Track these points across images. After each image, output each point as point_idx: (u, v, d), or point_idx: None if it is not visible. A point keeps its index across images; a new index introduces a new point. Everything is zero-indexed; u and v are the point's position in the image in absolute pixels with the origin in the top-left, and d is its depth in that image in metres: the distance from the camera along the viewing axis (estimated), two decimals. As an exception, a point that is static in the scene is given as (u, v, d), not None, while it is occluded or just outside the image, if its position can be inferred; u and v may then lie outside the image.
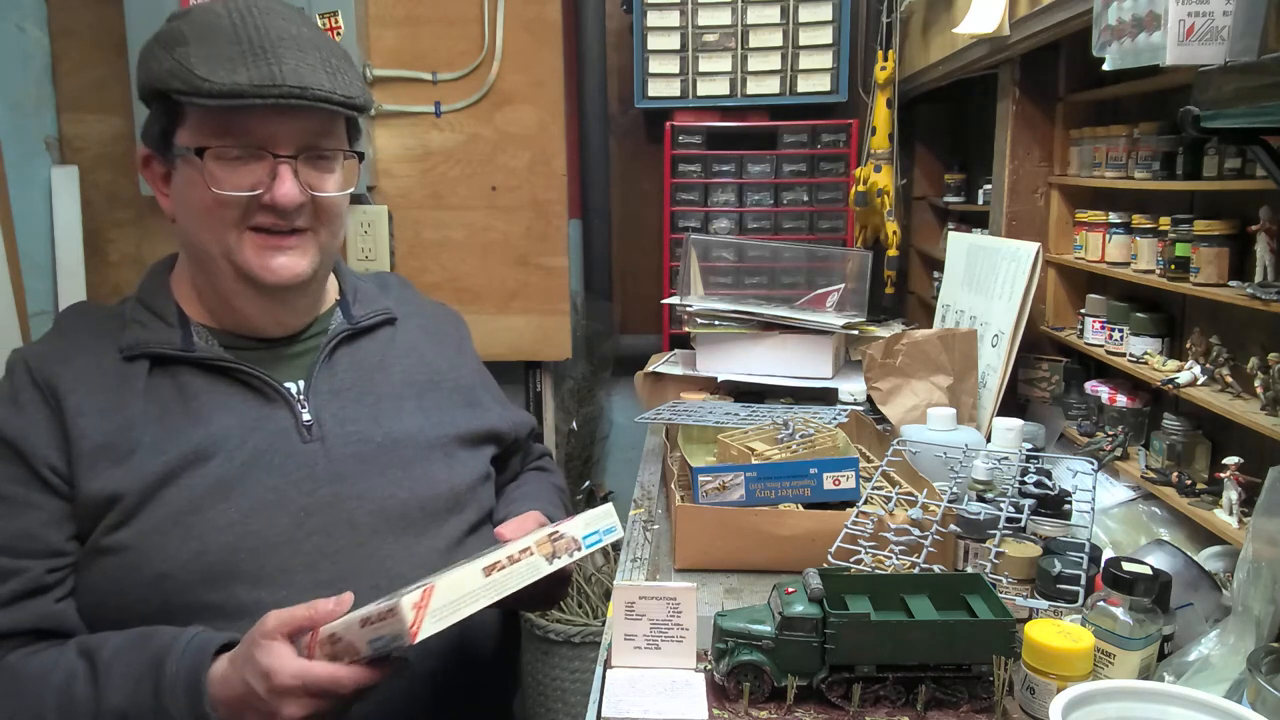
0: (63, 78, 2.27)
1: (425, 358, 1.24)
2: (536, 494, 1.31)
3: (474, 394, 1.27)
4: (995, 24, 1.57)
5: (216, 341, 1.12)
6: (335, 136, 1.10)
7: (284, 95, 1.00)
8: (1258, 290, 1.11)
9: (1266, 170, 0.97)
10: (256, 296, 1.10)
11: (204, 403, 1.08)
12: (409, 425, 1.16)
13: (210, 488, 1.03)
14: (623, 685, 0.90)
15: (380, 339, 1.22)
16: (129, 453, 1.03)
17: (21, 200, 2.10)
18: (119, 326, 1.11)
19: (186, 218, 1.08)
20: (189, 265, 1.14)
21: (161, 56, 1.03)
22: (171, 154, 1.06)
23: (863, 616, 0.87)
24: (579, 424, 2.63)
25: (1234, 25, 0.93)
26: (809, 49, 2.37)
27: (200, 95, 0.99)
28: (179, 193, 1.08)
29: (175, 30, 1.05)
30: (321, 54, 1.05)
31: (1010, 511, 1.08)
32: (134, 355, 1.08)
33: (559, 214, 2.35)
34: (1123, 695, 0.77)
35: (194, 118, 1.04)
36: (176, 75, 1.00)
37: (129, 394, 1.06)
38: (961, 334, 1.66)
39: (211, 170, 1.03)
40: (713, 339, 1.87)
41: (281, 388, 1.11)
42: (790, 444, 1.35)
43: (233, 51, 1.01)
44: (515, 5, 2.27)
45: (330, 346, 1.16)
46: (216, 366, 1.10)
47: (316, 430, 1.11)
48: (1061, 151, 1.73)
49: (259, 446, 1.07)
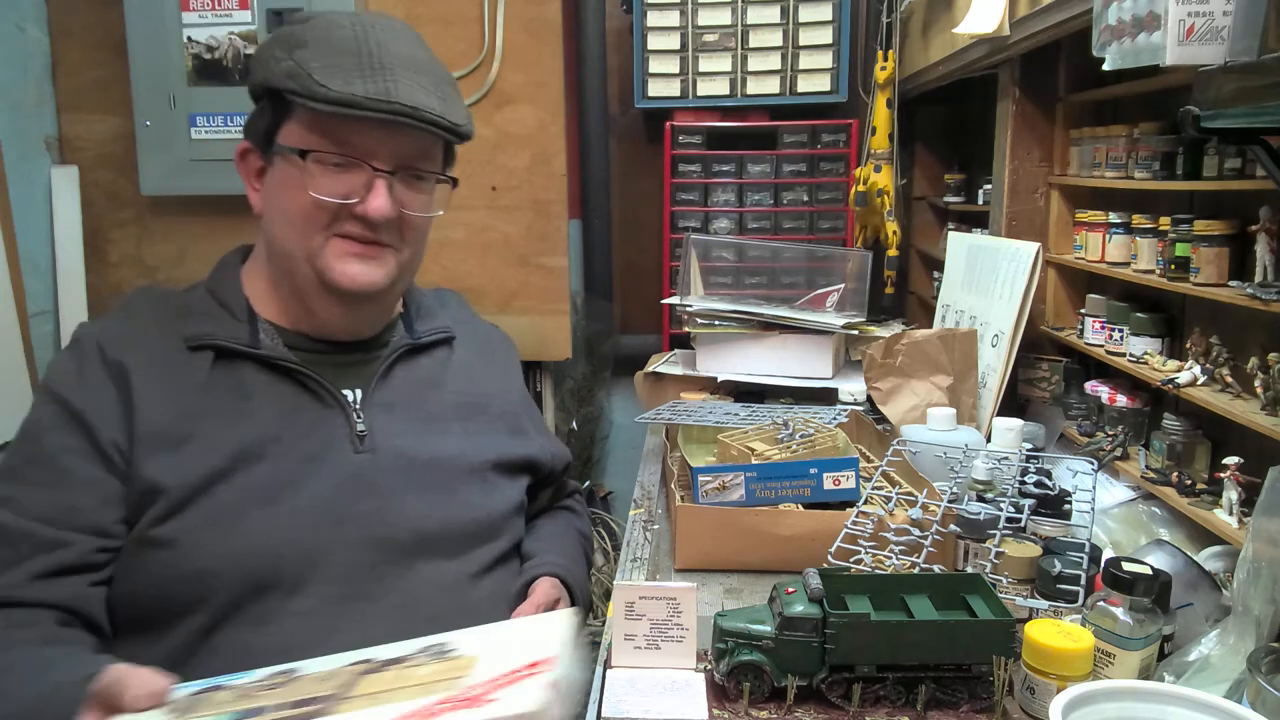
0: (63, 78, 2.27)
1: (475, 380, 1.25)
2: (559, 540, 1.30)
3: (518, 421, 1.28)
4: (995, 24, 1.57)
5: (281, 341, 1.13)
6: (432, 159, 1.13)
7: (396, 112, 1.03)
8: (1258, 290, 1.11)
9: (1266, 170, 0.97)
10: (332, 301, 1.12)
11: (262, 401, 1.09)
12: (452, 448, 1.16)
13: (260, 489, 1.04)
14: (623, 685, 0.90)
15: (437, 357, 1.23)
16: (183, 442, 1.03)
17: (21, 200, 2.10)
18: (186, 315, 1.12)
19: (276, 215, 1.10)
20: (266, 262, 1.15)
21: (280, 56, 1.05)
22: (272, 151, 1.09)
23: (863, 616, 0.87)
24: (579, 424, 2.63)
25: (1234, 25, 0.93)
26: (809, 49, 2.37)
27: (315, 99, 1.02)
28: (273, 190, 1.10)
29: (297, 34, 1.07)
30: (434, 79, 1.08)
31: (1010, 511, 1.08)
32: (199, 346, 1.09)
33: (559, 214, 2.35)
34: (1123, 695, 0.77)
35: (303, 120, 1.06)
36: (294, 76, 1.03)
37: (191, 384, 1.07)
38: (961, 334, 1.66)
39: (312, 172, 1.05)
40: (713, 339, 1.87)
41: (339, 394, 1.12)
42: (790, 444, 1.35)
43: (351, 63, 1.03)
44: (515, 5, 2.27)
45: (391, 359, 1.17)
46: (279, 366, 1.11)
47: (368, 441, 1.11)
48: (1061, 151, 1.73)
49: (311, 451, 1.08)
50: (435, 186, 1.14)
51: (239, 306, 1.13)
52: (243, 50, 2.09)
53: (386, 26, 1.08)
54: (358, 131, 1.05)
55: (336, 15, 1.09)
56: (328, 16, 1.09)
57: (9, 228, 2.00)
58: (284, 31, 1.09)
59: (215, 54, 2.10)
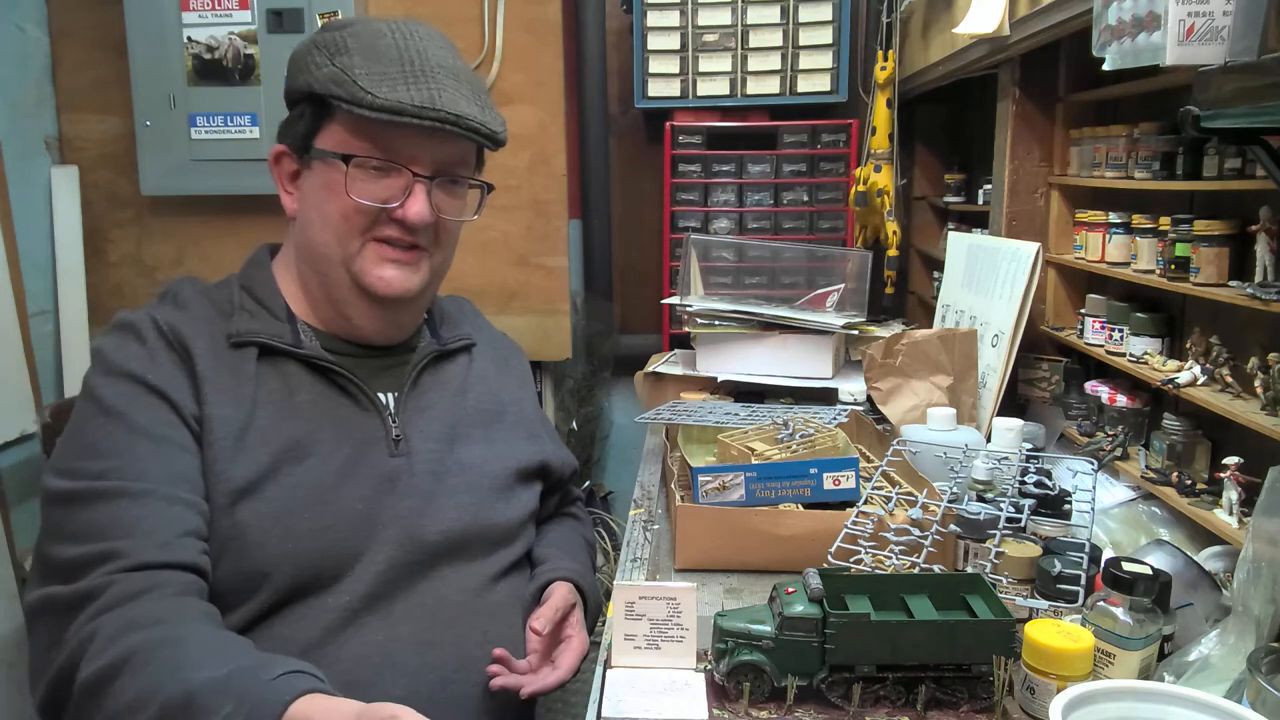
0: (63, 78, 2.27)
1: (493, 388, 1.26)
2: (569, 545, 1.30)
3: (533, 428, 1.29)
4: (995, 24, 1.57)
5: (319, 342, 1.14)
6: (468, 165, 1.15)
7: (440, 120, 1.05)
8: (1258, 290, 1.11)
9: (1266, 170, 0.97)
10: (366, 305, 1.13)
11: (306, 399, 1.10)
12: (475, 455, 1.18)
13: (309, 489, 1.05)
14: (623, 685, 0.90)
15: (460, 364, 1.24)
16: (244, 431, 1.04)
17: (21, 200, 2.10)
18: (227, 311, 1.12)
19: (313, 219, 1.11)
20: (298, 264, 1.16)
21: (321, 62, 1.07)
22: (309, 155, 1.10)
23: (863, 616, 0.87)
24: (579, 424, 2.63)
25: (1234, 25, 0.93)
26: (809, 49, 2.37)
27: (361, 105, 1.03)
28: (310, 194, 1.11)
29: (337, 40, 1.08)
30: (473, 88, 1.10)
31: (1010, 511, 1.08)
32: (243, 343, 1.09)
33: (559, 214, 2.35)
34: (1123, 695, 0.77)
35: (344, 125, 1.07)
36: (339, 83, 1.04)
37: (243, 376, 1.07)
38: (961, 334, 1.66)
39: (353, 177, 1.07)
40: (713, 339, 1.87)
41: (376, 397, 1.13)
42: (790, 444, 1.35)
43: (394, 70, 1.05)
44: (515, 5, 2.27)
45: (421, 364, 1.19)
46: (319, 366, 1.11)
47: (404, 445, 1.13)
48: (1061, 151, 1.73)
49: (351, 454, 1.09)
50: (468, 191, 1.17)
51: (278, 306, 1.14)
52: (242, 50, 2.09)
53: (426, 34, 1.10)
54: (401, 137, 1.07)
55: (375, 22, 1.10)
56: (367, 24, 1.10)
57: (9, 228, 2.00)
58: (323, 37, 1.09)
59: (215, 54, 2.10)
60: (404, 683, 1.05)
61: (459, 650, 1.09)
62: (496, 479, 1.18)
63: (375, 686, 1.02)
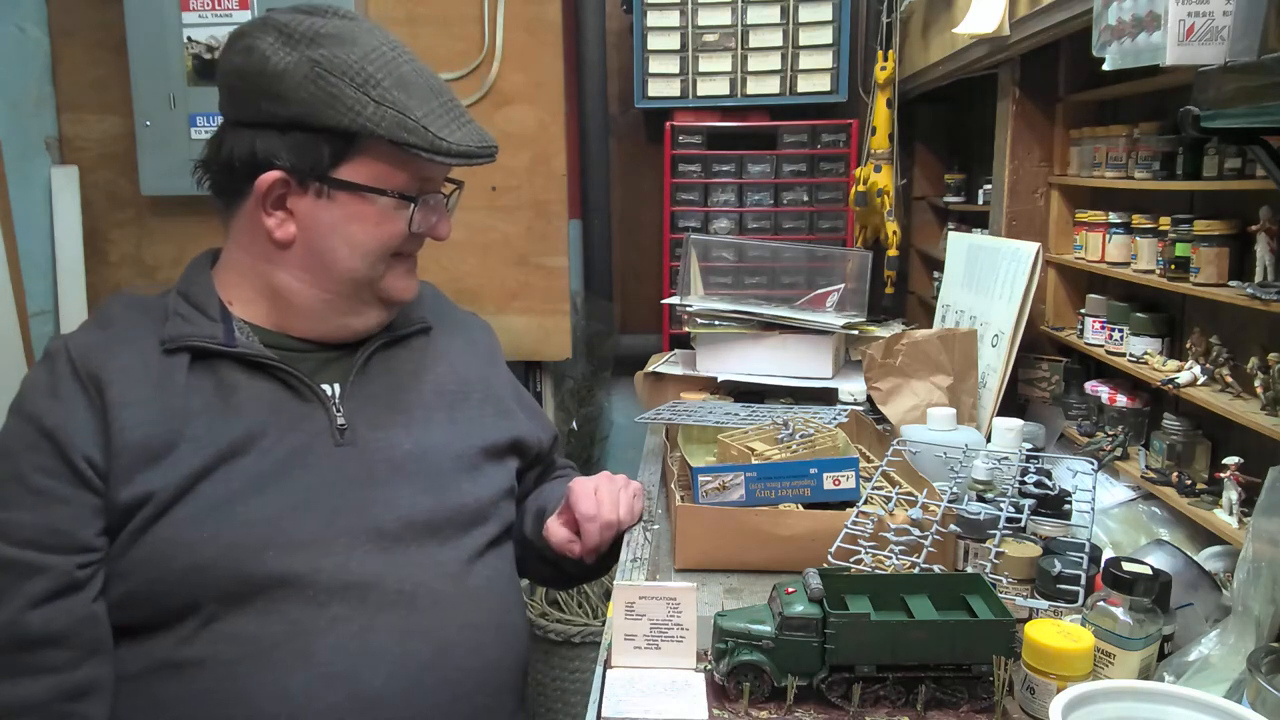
0: (63, 78, 2.27)
1: (456, 368, 1.26)
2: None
3: (505, 404, 1.29)
4: (995, 24, 1.57)
5: (258, 338, 1.14)
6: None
7: (489, 155, 1.13)
8: (1258, 290, 1.11)
9: (1266, 170, 0.97)
10: (377, 311, 1.17)
11: (243, 398, 1.09)
12: (437, 437, 1.18)
13: (245, 482, 1.05)
14: (623, 685, 0.90)
15: (414, 348, 1.24)
16: (170, 446, 1.04)
17: (21, 200, 2.10)
18: (161, 318, 1.12)
19: (335, 246, 1.12)
20: (273, 276, 1.14)
21: (358, 98, 1.06)
22: (327, 185, 1.09)
23: (863, 616, 0.87)
24: (579, 424, 2.63)
25: (1234, 25, 0.93)
26: (809, 49, 2.37)
27: (439, 153, 1.08)
28: (328, 223, 1.11)
29: (356, 68, 1.06)
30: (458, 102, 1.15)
31: (1010, 511, 1.08)
32: (175, 348, 1.09)
33: (559, 214, 2.35)
34: (1123, 695, 0.77)
35: (381, 159, 1.09)
36: (408, 129, 1.06)
37: (171, 387, 1.07)
38: (961, 334, 1.66)
39: (420, 212, 1.13)
40: (713, 339, 1.87)
41: (318, 389, 1.13)
42: (790, 444, 1.35)
43: (435, 105, 1.09)
44: (515, 5, 2.27)
45: (368, 354, 1.18)
46: (256, 363, 1.11)
47: (349, 434, 1.12)
48: (1061, 151, 1.73)
49: (294, 446, 1.09)
50: None
51: (212, 306, 1.13)
52: (243, 50, 2.09)
53: (409, 53, 1.13)
54: (439, 169, 1.14)
55: (370, 39, 1.09)
56: (367, 41, 1.08)
57: (9, 228, 2.00)
58: (335, 60, 1.06)
59: (215, 54, 2.10)
60: (384, 671, 1.04)
61: (440, 637, 1.09)
62: (461, 459, 1.18)
63: (355, 677, 1.03)
